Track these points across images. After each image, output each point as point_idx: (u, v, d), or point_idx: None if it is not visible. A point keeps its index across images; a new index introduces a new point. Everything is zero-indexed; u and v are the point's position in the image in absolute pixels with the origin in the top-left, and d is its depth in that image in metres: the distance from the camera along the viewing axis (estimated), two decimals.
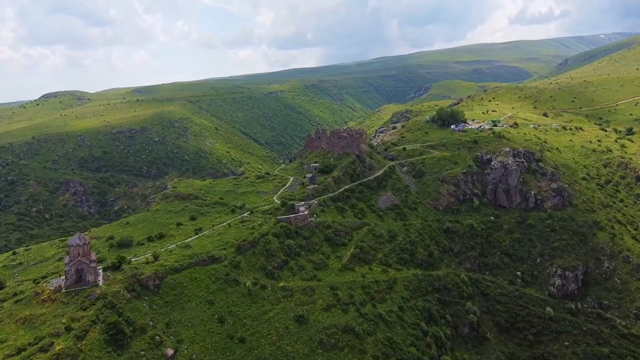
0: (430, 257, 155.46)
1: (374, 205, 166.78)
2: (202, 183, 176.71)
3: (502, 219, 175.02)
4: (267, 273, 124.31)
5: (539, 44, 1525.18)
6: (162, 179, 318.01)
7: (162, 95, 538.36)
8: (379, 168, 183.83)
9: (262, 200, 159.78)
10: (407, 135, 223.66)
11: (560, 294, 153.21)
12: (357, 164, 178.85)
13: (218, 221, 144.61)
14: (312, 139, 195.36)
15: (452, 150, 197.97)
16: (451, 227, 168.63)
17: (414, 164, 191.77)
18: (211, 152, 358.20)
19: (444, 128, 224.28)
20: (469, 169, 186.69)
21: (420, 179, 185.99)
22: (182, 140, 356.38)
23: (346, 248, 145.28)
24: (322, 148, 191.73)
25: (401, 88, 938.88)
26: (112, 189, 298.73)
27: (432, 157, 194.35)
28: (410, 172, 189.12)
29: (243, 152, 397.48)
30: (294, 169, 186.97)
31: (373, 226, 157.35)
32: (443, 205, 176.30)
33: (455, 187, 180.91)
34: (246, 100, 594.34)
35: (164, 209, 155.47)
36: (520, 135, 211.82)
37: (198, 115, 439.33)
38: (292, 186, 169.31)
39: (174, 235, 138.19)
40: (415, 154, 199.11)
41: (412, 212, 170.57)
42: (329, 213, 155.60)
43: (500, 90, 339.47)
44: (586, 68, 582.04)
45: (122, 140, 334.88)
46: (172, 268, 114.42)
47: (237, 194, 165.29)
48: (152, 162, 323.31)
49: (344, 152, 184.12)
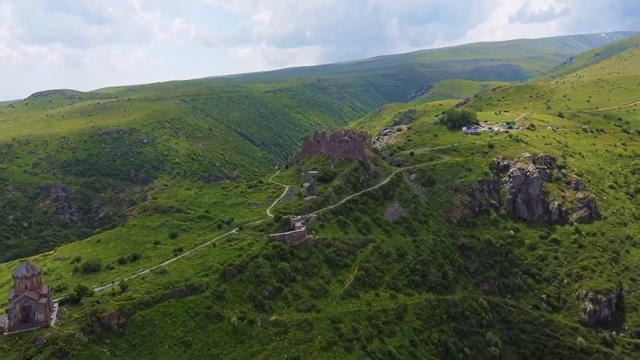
0: (444, 278, 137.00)
1: (380, 219, 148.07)
2: (186, 193, 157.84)
3: (522, 233, 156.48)
4: (256, 304, 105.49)
5: (540, 43, 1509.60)
6: (151, 183, 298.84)
7: (154, 94, 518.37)
8: (385, 176, 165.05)
9: (254, 213, 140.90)
10: (415, 138, 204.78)
11: (592, 320, 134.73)
12: (360, 171, 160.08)
13: (201, 239, 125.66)
14: (311, 143, 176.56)
15: (465, 156, 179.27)
16: (467, 243, 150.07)
17: (423, 170, 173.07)
18: (204, 154, 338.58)
19: (454, 130, 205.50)
20: (485, 176, 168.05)
21: (431, 187, 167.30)
22: (173, 141, 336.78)
23: (349, 270, 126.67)
24: (322, 153, 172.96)
25: (402, 87, 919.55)
26: (97, 194, 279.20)
27: (443, 163, 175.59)
28: (419, 179, 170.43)
29: (238, 153, 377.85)
30: (290, 177, 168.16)
31: (379, 243, 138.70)
32: (457, 218, 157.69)
33: (470, 197, 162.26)
34: (243, 99, 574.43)
35: (141, 224, 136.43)
36: (539, 139, 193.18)
37: (192, 115, 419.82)
38: (287, 197, 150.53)
39: (150, 256, 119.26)
40: (425, 159, 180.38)
41: (422, 226, 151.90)
42: (329, 228, 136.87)
43: (510, 89, 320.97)
44: (594, 67, 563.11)
45: (108, 142, 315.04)
46: (142, 301, 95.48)
47: (225, 206, 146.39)
48: (141, 166, 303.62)
49: (346, 158, 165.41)
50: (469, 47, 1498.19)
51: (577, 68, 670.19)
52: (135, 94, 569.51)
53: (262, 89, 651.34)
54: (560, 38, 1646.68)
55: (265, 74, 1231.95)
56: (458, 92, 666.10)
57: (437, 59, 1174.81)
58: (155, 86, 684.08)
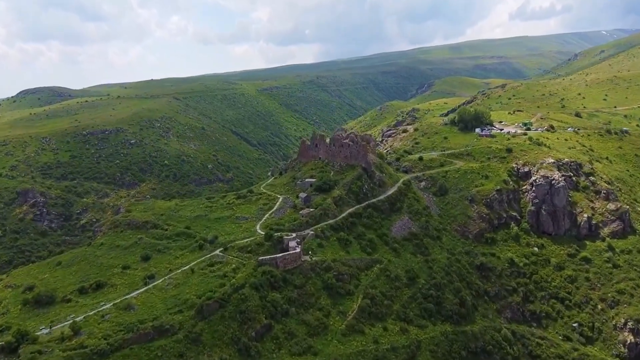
0: (461, 305, 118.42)
1: (387, 235, 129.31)
2: (165, 205, 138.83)
3: (548, 250, 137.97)
4: (240, 348, 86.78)
5: (540, 40, 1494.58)
6: (138, 186, 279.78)
7: (146, 92, 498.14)
8: (391, 184, 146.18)
9: (241, 230, 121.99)
10: (422, 140, 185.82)
11: (633, 354, 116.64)
12: (364, 179, 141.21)
13: (178, 263, 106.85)
14: (308, 147, 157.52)
15: (481, 161, 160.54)
16: (485, 263, 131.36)
17: (434, 178, 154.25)
18: (195, 156, 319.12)
19: (466, 132, 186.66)
20: (504, 185, 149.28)
21: (443, 197, 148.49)
22: (162, 142, 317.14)
23: (352, 299, 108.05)
24: (320, 158, 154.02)
25: (402, 84, 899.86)
26: (79, 199, 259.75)
27: (456, 170, 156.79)
28: (429, 188, 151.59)
29: (232, 154, 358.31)
30: (284, 185, 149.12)
31: (386, 264, 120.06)
32: (473, 233, 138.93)
33: (488, 209, 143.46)
34: (238, 97, 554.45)
35: (110, 243, 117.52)
36: (561, 142, 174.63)
37: (183, 113, 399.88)
38: (280, 209, 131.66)
39: (116, 284, 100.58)
40: (435, 165, 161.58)
41: (435, 243, 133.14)
42: (329, 248, 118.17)
43: (520, 87, 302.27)
44: (603, 64, 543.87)
45: (93, 142, 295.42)
46: (97, 351, 76.78)
47: (210, 221, 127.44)
48: (127, 168, 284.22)
49: (347, 164, 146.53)
50: (468, 44, 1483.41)
51: (584, 65, 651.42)
52: (127, 92, 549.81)
53: (259, 87, 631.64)
54: (560, 35, 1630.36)
55: (263, 71, 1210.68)
56: (460, 89, 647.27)
57: (437, 57, 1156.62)
58: (149, 84, 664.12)
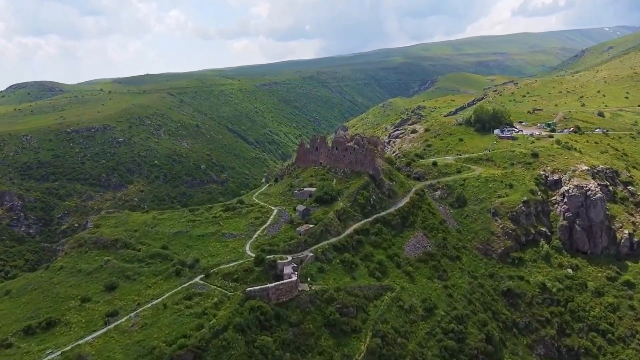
0: (488, 341, 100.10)
1: (399, 255, 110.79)
2: (140, 218, 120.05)
3: (584, 272, 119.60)
4: None
5: (542, 37, 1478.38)
6: (125, 188, 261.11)
7: (139, 87, 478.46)
8: (403, 194, 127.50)
9: (228, 250, 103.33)
10: (435, 142, 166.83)
11: None
12: (371, 189, 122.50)
13: (149, 294, 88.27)
14: (307, 151, 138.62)
15: (503, 167, 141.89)
16: (513, 288, 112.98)
17: (450, 186, 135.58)
18: (188, 155, 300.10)
19: (484, 133, 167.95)
20: (531, 195, 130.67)
21: (462, 209, 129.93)
22: (152, 140, 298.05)
23: (359, 337, 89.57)
24: (321, 163, 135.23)
25: (404, 81, 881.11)
26: (61, 202, 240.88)
27: (475, 177, 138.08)
28: (445, 199, 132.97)
29: (227, 153, 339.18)
30: (279, 195, 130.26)
31: (399, 292, 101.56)
32: (498, 252, 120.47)
33: (514, 224, 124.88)
34: (236, 92, 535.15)
35: (71, 267, 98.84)
36: (591, 145, 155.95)
37: (177, 110, 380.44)
38: (275, 225, 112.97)
39: (71, 323, 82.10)
40: (451, 171, 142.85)
41: (454, 264, 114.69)
42: (332, 272, 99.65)
43: (535, 84, 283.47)
44: (614, 61, 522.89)
45: (77, 141, 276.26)
46: None
47: (191, 239, 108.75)
48: (114, 168, 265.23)
49: (352, 171, 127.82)
50: (469, 41, 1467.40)
51: (596, 62, 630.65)
52: (120, 87, 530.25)
53: (258, 82, 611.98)
54: (562, 32, 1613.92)
55: (262, 66, 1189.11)
56: (464, 86, 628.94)
57: (439, 53, 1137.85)
58: (144, 78, 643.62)
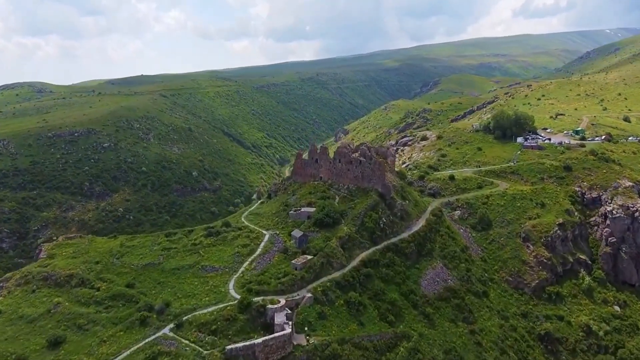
0: None
1: (415, 292, 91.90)
2: (106, 245, 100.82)
3: (633, 310, 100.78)
4: None
5: (543, 38, 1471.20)
6: (109, 197, 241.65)
7: (130, 88, 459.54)
8: (417, 215, 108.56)
9: (207, 289, 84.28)
10: (450, 152, 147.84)
11: None
12: (381, 209, 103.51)
13: (102, 355, 69.16)
14: (305, 163, 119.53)
15: (532, 182, 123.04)
16: (552, 332, 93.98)
17: (471, 205, 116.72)
18: (179, 161, 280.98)
19: (505, 141, 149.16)
20: (567, 216, 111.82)
21: (486, 233, 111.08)
22: (141, 145, 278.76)
23: None
24: (321, 178, 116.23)
25: (405, 82, 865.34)
26: (38, 213, 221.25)
27: (500, 194, 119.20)
28: (466, 219, 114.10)
29: (222, 159, 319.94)
30: (272, 215, 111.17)
31: (416, 341, 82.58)
32: (531, 286, 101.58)
33: (549, 251, 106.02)
34: (233, 94, 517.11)
35: (12, 313, 79.65)
36: (629, 156, 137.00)
37: (169, 112, 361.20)
38: (266, 255, 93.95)
39: None
40: (471, 186, 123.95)
41: (481, 302, 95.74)
42: (334, 318, 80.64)
43: (550, 86, 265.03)
44: (627, 64, 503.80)
45: (59, 146, 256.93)
46: None
47: (164, 273, 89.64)
48: (98, 176, 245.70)
49: (358, 187, 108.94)
50: (471, 42, 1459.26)
51: (601, 63, 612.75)
52: (114, 87, 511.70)
53: (256, 84, 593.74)
54: (563, 34, 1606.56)
55: (261, 68, 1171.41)
56: (468, 88, 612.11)
57: (440, 54, 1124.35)
58: (139, 79, 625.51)
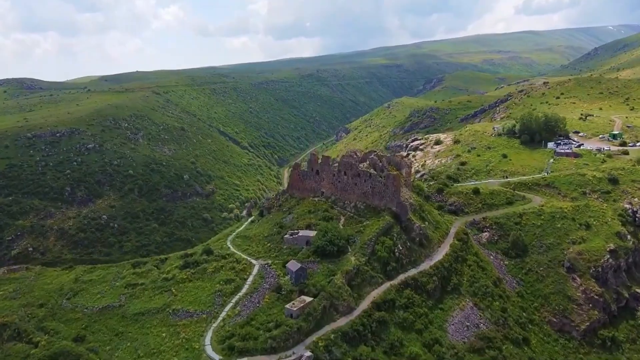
0: None
1: (441, 342, 73.26)
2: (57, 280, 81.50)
3: None
4: None
5: (546, 35, 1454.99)
6: (92, 204, 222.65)
7: (122, 85, 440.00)
8: (439, 240, 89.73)
9: (177, 345, 65.59)
10: (471, 159, 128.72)
11: None
12: (396, 234, 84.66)
13: None
14: (303, 175, 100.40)
15: (570, 196, 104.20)
16: None
17: (501, 225, 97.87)
18: (169, 163, 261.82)
19: (533, 147, 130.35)
20: (619, 241, 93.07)
21: (522, 260, 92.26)
22: (128, 146, 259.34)
23: None
24: (323, 193, 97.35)
25: (407, 79, 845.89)
26: (13, 221, 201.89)
27: (535, 212, 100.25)
28: (496, 243, 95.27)
29: (216, 160, 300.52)
30: (264, 239, 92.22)
31: None
32: (581, 329, 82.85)
33: (600, 284, 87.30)
34: (229, 91, 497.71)
35: None
36: None
37: (161, 110, 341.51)
38: (253, 294, 75.28)
39: None
40: (500, 201, 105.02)
41: (520, 352, 77.09)
42: None
43: (569, 84, 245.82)
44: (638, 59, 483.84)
45: (39, 147, 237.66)
46: None
47: (124, 320, 71.05)
48: (80, 180, 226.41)
49: (367, 206, 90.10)
50: (473, 39, 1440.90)
51: (610, 60, 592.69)
52: (108, 84, 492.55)
53: (254, 80, 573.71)
54: (565, 31, 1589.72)
55: (260, 64, 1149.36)
56: (473, 85, 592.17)
57: (442, 51, 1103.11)
58: (133, 75, 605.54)
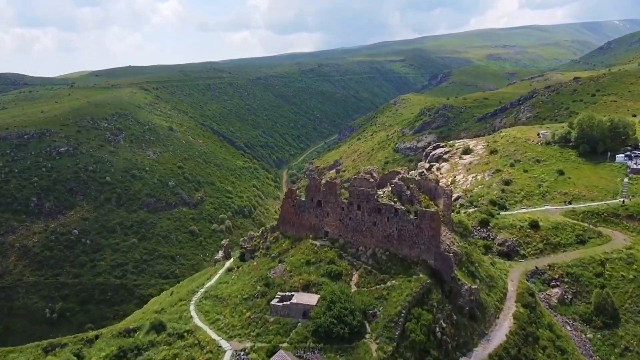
0: None
1: None
2: None
3: None
4: None
5: (550, 30, 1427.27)
6: (62, 216, 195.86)
7: (109, 81, 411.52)
8: (496, 306, 61.54)
9: None
10: (517, 176, 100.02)
11: None
12: (436, 303, 56.46)
13: None
14: (300, 206, 71.91)
15: None
16: None
17: (576, 277, 69.78)
18: (153, 168, 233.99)
19: (596, 160, 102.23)
20: None
21: (611, 332, 64.18)
22: (107, 149, 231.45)
23: None
24: (327, 234, 69.07)
25: (412, 75, 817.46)
26: None
27: (622, 257, 72.18)
28: (570, 303, 67.19)
29: (207, 164, 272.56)
30: (242, 302, 64.00)
31: None
32: None
33: None
34: (225, 87, 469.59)
35: None
36: None
37: (148, 108, 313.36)
38: None
39: None
40: (567, 239, 76.88)
41: None
42: None
43: (604, 79, 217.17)
44: None
45: (3, 151, 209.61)
46: None
47: None
48: (49, 189, 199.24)
49: (392, 255, 61.78)
50: (476, 33, 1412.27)
51: (625, 55, 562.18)
52: (98, 79, 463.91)
53: (252, 75, 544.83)
54: (570, 25, 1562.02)
55: (260, 59, 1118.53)
56: (482, 80, 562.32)
57: (445, 46, 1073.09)
58: (126, 70, 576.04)
